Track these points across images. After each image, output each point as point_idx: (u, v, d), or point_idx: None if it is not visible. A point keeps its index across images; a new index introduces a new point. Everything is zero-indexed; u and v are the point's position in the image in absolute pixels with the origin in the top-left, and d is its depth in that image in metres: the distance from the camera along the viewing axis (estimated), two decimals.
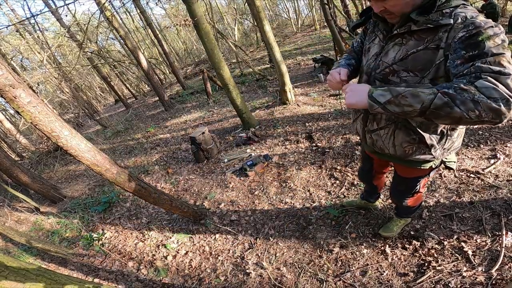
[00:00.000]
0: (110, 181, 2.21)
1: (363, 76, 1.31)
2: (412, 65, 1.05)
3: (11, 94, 1.68)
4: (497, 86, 0.80)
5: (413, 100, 0.89)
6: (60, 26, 9.46)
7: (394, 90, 0.93)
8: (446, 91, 0.85)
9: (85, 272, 2.98)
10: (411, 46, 1.05)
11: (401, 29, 1.06)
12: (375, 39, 1.27)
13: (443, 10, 0.96)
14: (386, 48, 1.17)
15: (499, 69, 0.81)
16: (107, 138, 8.42)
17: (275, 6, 22.99)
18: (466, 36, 0.88)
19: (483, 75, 0.82)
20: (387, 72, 1.15)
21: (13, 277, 1.19)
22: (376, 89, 0.98)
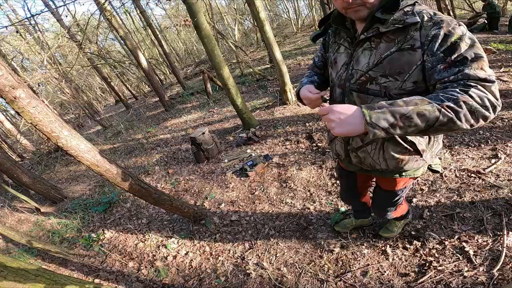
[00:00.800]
0: (110, 181, 2.21)
1: (336, 89, 1.20)
2: (389, 69, 0.97)
3: (11, 95, 1.67)
4: (487, 95, 0.79)
5: (419, 120, 0.79)
6: (60, 26, 9.48)
7: (395, 110, 0.80)
8: (450, 105, 0.78)
9: (86, 272, 2.97)
10: (383, 49, 0.98)
11: (368, 32, 0.99)
12: (339, 48, 1.18)
13: (404, 8, 0.92)
14: (355, 56, 1.08)
15: (485, 76, 0.80)
16: (108, 139, 8.42)
17: (275, 6, 22.99)
18: (440, 35, 0.85)
19: (472, 83, 0.80)
20: (364, 81, 1.06)
21: (12, 277, 1.19)
22: (371, 111, 0.82)
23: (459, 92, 0.79)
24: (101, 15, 6.80)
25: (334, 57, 1.21)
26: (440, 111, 0.78)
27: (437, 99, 0.80)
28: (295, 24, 17.75)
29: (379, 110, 0.81)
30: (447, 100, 0.79)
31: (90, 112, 12.23)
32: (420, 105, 0.79)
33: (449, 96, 0.80)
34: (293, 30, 17.44)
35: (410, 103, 0.80)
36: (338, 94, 1.19)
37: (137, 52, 8.09)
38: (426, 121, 0.79)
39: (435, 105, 0.79)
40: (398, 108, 0.80)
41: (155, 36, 11.85)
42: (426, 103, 0.80)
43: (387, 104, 0.82)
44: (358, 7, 0.94)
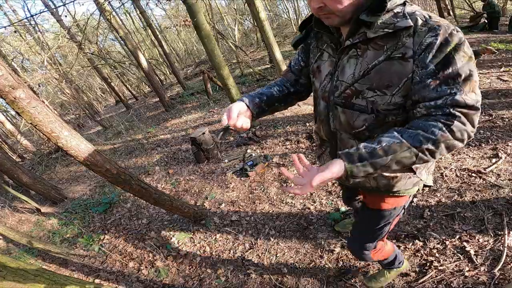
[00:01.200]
0: (110, 181, 2.21)
1: (320, 102, 1.08)
2: (377, 81, 0.85)
3: (11, 95, 1.68)
4: (468, 127, 0.75)
5: (396, 167, 0.80)
6: (60, 27, 9.48)
7: (376, 162, 0.78)
8: (429, 147, 0.76)
9: (86, 272, 2.97)
10: (370, 57, 0.85)
11: (354, 38, 0.86)
12: (322, 54, 1.04)
13: (394, 9, 0.80)
14: (340, 64, 0.94)
15: (473, 102, 0.74)
16: (108, 139, 8.43)
17: (275, 7, 22.99)
18: (435, 44, 0.74)
19: (458, 112, 0.74)
20: (349, 94, 0.93)
21: (12, 277, 1.18)
22: (352, 165, 0.79)
23: (441, 128, 0.74)
24: (101, 15, 6.80)
25: (317, 65, 1.08)
26: (417, 156, 0.77)
27: (416, 141, 0.76)
28: (295, 24, 17.74)
29: (360, 163, 0.78)
30: (426, 141, 0.75)
31: (91, 112, 12.24)
32: (399, 152, 0.77)
33: (429, 136, 0.75)
34: (293, 30, 17.44)
35: (389, 151, 0.77)
36: (322, 108, 1.07)
37: (137, 52, 8.09)
38: (402, 166, 0.80)
39: (413, 150, 0.76)
40: (378, 160, 0.78)
41: (155, 37, 11.87)
42: (405, 148, 0.76)
43: (367, 153, 0.79)
44: (328, 14, 0.83)
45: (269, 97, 1.15)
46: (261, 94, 1.14)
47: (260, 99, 1.12)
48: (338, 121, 1.01)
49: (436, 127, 0.75)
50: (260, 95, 1.14)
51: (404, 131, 0.79)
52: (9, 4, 11.70)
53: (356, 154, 0.80)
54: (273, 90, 1.18)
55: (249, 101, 1.09)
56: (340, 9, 0.79)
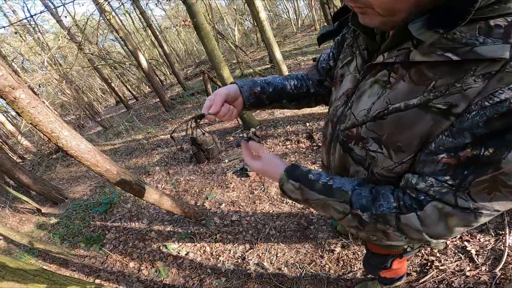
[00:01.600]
0: (110, 181, 2.21)
1: (328, 124, 0.85)
2: (389, 134, 0.59)
3: (11, 95, 1.67)
4: (424, 227, 0.56)
5: (322, 211, 0.70)
6: (60, 27, 9.49)
7: (305, 192, 0.68)
8: (362, 217, 0.61)
9: (86, 273, 2.97)
10: (399, 93, 0.56)
11: (391, 54, 0.56)
12: (352, 61, 0.76)
13: (488, 20, 0.43)
14: (361, 87, 0.67)
15: (467, 206, 0.49)
16: (108, 139, 8.43)
17: (275, 7, 23.00)
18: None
19: (429, 205, 0.53)
20: (351, 135, 0.70)
21: (11, 277, 1.18)
22: (286, 180, 0.71)
23: (396, 207, 0.57)
24: (100, 15, 6.81)
25: (342, 72, 0.80)
26: (345, 216, 0.64)
27: (359, 203, 0.61)
28: (295, 24, 17.74)
29: (294, 182, 0.70)
30: (367, 208, 0.60)
31: (91, 113, 12.23)
32: (333, 200, 0.65)
33: (375, 205, 0.60)
34: (293, 30, 17.44)
35: (322, 190, 0.66)
36: (328, 133, 0.85)
37: (138, 52, 8.09)
38: (328, 215, 0.70)
39: (346, 208, 0.63)
40: (309, 192, 0.68)
41: (155, 37, 11.85)
42: (339, 202, 0.63)
43: (307, 179, 0.69)
44: (364, 7, 0.51)
45: (277, 90, 0.94)
46: (268, 84, 0.93)
47: (262, 88, 0.92)
48: (334, 157, 0.82)
49: (391, 202, 0.58)
50: (266, 84, 0.93)
51: (363, 186, 0.65)
52: (9, 4, 11.71)
53: (299, 172, 0.71)
54: (287, 83, 0.97)
55: (245, 87, 0.89)
56: (383, 2, 0.47)
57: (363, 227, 0.62)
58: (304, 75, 1.04)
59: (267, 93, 0.93)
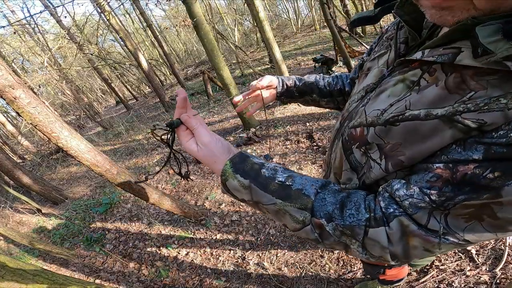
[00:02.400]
0: (110, 181, 2.21)
1: (339, 118, 0.78)
2: (394, 145, 0.51)
3: (11, 95, 1.68)
4: (390, 245, 0.49)
5: (275, 218, 0.57)
6: (60, 28, 9.50)
7: (257, 193, 0.55)
8: (325, 229, 0.51)
9: (87, 273, 2.97)
10: (425, 98, 0.47)
11: (434, 51, 0.47)
12: (385, 54, 0.67)
13: None
14: (384, 84, 0.59)
15: (435, 229, 0.44)
16: (108, 140, 8.43)
17: (274, 7, 23.01)
18: None
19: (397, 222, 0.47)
20: (354, 136, 0.61)
21: (10, 277, 1.18)
22: (233, 176, 0.57)
23: (365, 220, 0.49)
24: (100, 16, 6.81)
25: (370, 65, 0.72)
26: (304, 226, 0.53)
27: (323, 210, 0.52)
28: (294, 24, 17.75)
29: (240, 181, 0.56)
30: (332, 218, 0.51)
31: (91, 113, 12.24)
32: (291, 205, 0.53)
33: (344, 214, 0.51)
34: (293, 30, 17.44)
35: (279, 192, 0.54)
36: (336, 127, 0.77)
37: (137, 53, 8.10)
38: (281, 222, 0.57)
39: (307, 217, 0.52)
40: (262, 193, 0.55)
41: (155, 37, 11.87)
42: (299, 208, 0.52)
43: (255, 173, 0.56)
44: (455, 1, 0.40)
45: (307, 84, 0.97)
46: (301, 80, 0.98)
47: (294, 82, 0.98)
48: (335, 155, 0.73)
49: (362, 213, 0.50)
50: (298, 79, 0.98)
51: (327, 189, 0.55)
52: (9, 5, 11.71)
53: (249, 164, 0.58)
54: (321, 80, 0.98)
55: (280, 80, 0.98)
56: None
57: (322, 240, 0.53)
58: (345, 74, 1.01)
59: (297, 86, 0.98)
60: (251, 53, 14.27)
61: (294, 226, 0.54)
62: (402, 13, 0.57)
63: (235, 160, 0.58)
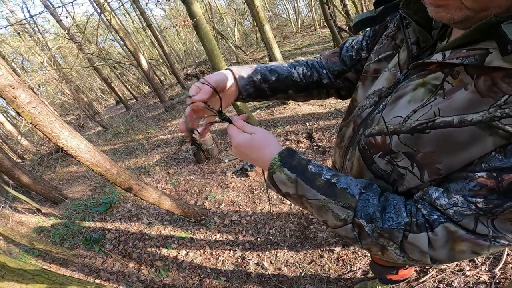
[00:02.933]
0: (110, 181, 2.21)
1: (350, 125, 0.73)
2: (428, 153, 0.49)
3: (11, 95, 1.68)
4: (431, 250, 0.49)
5: (317, 214, 0.58)
6: (60, 27, 9.49)
7: (302, 187, 0.55)
8: (364, 229, 0.52)
9: (86, 273, 2.97)
10: (456, 104, 0.45)
11: (456, 53, 0.45)
12: (393, 56, 0.64)
13: None
14: (401, 88, 0.56)
15: (485, 233, 0.44)
16: (108, 140, 8.43)
17: (274, 7, 23.01)
18: None
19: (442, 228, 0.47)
20: (375, 144, 0.60)
21: (10, 277, 1.18)
22: (281, 169, 0.57)
23: (406, 224, 0.49)
24: (100, 16, 6.81)
25: (376, 67, 0.69)
26: (345, 224, 0.53)
27: (364, 212, 0.52)
28: (294, 24, 17.74)
29: (287, 174, 0.56)
30: (372, 220, 0.51)
31: (91, 113, 12.22)
32: (335, 203, 0.53)
33: (385, 217, 0.50)
34: (293, 30, 17.44)
35: (324, 188, 0.54)
36: (347, 135, 0.73)
37: (137, 52, 8.09)
38: (322, 218, 0.58)
39: (349, 216, 0.52)
40: (307, 188, 0.55)
41: (155, 37, 11.84)
42: (345, 206, 0.52)
43: (302, 168, 0.56)
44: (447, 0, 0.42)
45: (281, 79, 0.80)
46: (271, 72, 0.79)
47: (264, 76, 0.78)
48: (351, 164, 0.71)
49: (403, 216, 0.50)
50: (268, 71, 0.79)
51: (371, 191, 0.55)
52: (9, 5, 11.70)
53: (296, 159, 0.58)
54: (294, 71, 0.82)
55: (243, 75, 0.75)
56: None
57: (360, 240, 0.53)
58: (316, 62, 0.87)
59: (269, 82, 0.78)
60: (251, 53, 14.27)
61: (335, 223, 0.55)
62: (411, 13, 0.55)
63: (283, 154, 0.58)
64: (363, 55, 0.79)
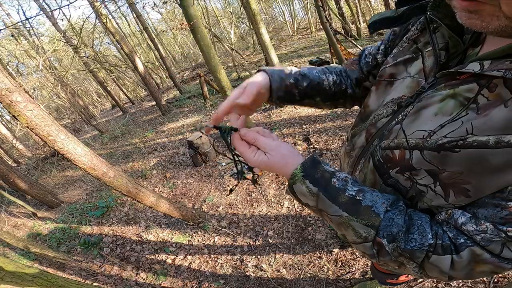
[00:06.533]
0: (107, 185, 2.20)
1: (362, 134, 0.69)
2: (455, 173, 0.46)
3: (8, 98, 1.67)
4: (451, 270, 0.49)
5: (336, 227, 0.55)
6: (56, 30, 9.47)
7: (324, 202, 0.52)
8: (385, 248, 0.49)
9: (84, 276, 2.95)
10: (491, 122, 0.41)
11: (497, 63, 0.41)
12: (415, 60, 0.59)
13: None
14: (426, 99, 0.52)
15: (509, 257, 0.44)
16: (104, 143, 8.39)
17: (271, 10, 23.13)
18: None
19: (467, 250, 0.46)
20: (393, 158, 0.56)
21: (10, 279, 1.18)
22: (302, 181, 0.54)
23: (430, 245, 0.47)
24: (96, 19, 6.80)
25: (392, 72, 0.64)
26: (365, 241, 0.51)
27: (388, 231, 0.49)
28: (291, 27, 17.85)
29: (309, 187, 0.53)
30: (395, 240, 0.48)
31: (86, 117, 12.17)
32: (357, 221, 0.50)
33: (409, 237, 0.48)
34: (289, 33, 17.53)
35: (347, 206, 0.51)
36: (359, 144, 0.70)
37: (134, 56, 8.09)
38: (342, 232, 0.56)
39: (370, 234, 0.50)
40: (329, 203, 0.52)
41: (151, 40, 11.87)
42: (368, 225, 0.50)
43: (326, 182, 0.53)
44: (482, 5, 0.36)
45: (313, 85, 0.76)
46: (303, 77, 0.75)
47: (296, 81, 0.74)
48: (363, 175, 0.68)
49: (427, 238, 0.48)
50: (300, 76, 0.75)
51: (397, 209, 0.51)
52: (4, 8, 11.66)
53: (320, 171, 0.54)
54: (325, 78, 0.78)
55: (276, 77, 0.72)
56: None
57: (378, 256, 0.51)
58: (342, 70, 0.84)
59: (300, 88, 0.75)
60: (248, 56, 14.31)
61: (354, 239, 0.52)
62: (442, 16, 0.51)
63: (306, 165, 0.54)
64: (379, 60, 0.74)
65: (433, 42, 0.54)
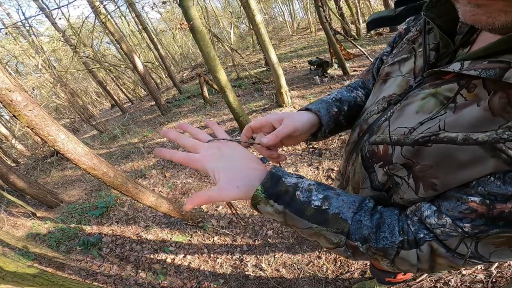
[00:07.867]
0: (107, 184, 2.20)
1: (356, 128, 0.70)
2: (425, 166, 0.47)
3: (8, 98, 1.67)
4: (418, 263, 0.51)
5: (309, 238, 0.55)
6: (55, 30, 9.46)
7: (292, 218, 0.51)
8: (358, 248, 0.50)
9: (83, 276, 2.95)
10: (462, 120, 0.42)
11: (476, 64, 0.41)
12: (408, 60, 0.61)
13: None
14: (411, 96, 0.53)
15: (463, 253, 0.45)
16: (104, 143, 8.38)
17: (270, 9, 23.12)
18: None
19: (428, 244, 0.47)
20: (376, 154, 0.57)
21: (10, 278, 1.18)
22: (266, 201, 0.51)
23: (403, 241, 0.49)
24: (96, 18, 6.80)
25: (388, 71, 0.66)
26: (338, 246, 0.52)
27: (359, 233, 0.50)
28: (290, 27, 17.86)
29: (273, 206, 0.51)
30: (366, 240, 0.50)
31: (86, 116, 12.15)
32: (327, 230, 0.50)
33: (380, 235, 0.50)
34: (288, 33, 17.54)
35: (315, 217, 0.50)
36: (352, 139, 0.71)
37: (133, 55, 8.08)
38: (314, 240, 0.56)
39: (342, 240, 0.50)
40: (297, 218, 0.51)
41: (150, 40, 11.86)
42: (335, 232, 0.50)
43: (289, 198, 0.51)
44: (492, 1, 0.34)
45: (351, 106, 0.76)
46: (341, 102, 0.74)
47: (338, 108, 0.73)
48: (353, 170, 0.69)
49: (396, 235, 0.49)
50: (339, 102, 0.74)
51: (362, 210, 0.52)
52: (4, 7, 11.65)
53: (282, 188, 0.51)
54: (357, 95, 0.78)
55: (323, 111, 0.69)
56: None
57: (354, 257, 0.53)
58: (361, 82, 0.85)
59: (343, 113, 0.74)
60: (247, 55, 14.32)
61: (327, 246, 0.53)
62: (434, 16, 0.51)
63: (267, 184, 0.51)
64: (385, 62, 0.73)
65: (425, 43, 0.55)
